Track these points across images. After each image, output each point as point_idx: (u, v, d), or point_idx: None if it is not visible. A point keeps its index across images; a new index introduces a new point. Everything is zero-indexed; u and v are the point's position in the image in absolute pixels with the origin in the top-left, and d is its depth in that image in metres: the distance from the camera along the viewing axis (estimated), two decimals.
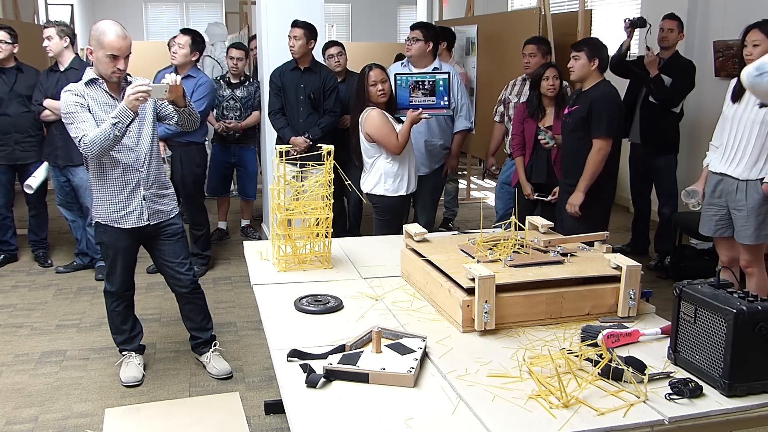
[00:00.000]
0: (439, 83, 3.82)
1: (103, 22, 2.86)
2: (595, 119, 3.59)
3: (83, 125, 2.81)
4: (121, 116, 2.75)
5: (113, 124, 2.75)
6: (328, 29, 11.47)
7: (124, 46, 2.84)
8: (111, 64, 2.84)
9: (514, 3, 9.26)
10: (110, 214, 3.00)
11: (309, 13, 4.65)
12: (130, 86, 2.77)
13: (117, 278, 3.15)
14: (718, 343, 1.65)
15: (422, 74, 3.94)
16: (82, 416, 3.01)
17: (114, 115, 2.75)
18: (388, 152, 3.64)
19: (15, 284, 4.64)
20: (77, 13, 12.59)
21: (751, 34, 3.29)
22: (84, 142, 2.78)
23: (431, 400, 1.64)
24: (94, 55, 2.86)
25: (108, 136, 2.76)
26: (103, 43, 2.80)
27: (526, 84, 4.54)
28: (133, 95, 2.72)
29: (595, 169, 3.61)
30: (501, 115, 4.69)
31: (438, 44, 4.47)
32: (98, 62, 2.86)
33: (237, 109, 5.37)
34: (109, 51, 2.81)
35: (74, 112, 2.83)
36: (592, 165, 3.61)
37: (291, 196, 2.62)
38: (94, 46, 2.84)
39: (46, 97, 4.43)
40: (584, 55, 3.63)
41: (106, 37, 2.80)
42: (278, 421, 2.96)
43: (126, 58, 2.87)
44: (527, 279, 2.06)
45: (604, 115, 3.56)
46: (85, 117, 2.84)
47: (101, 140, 2.76)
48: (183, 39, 4.54)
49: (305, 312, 2.18)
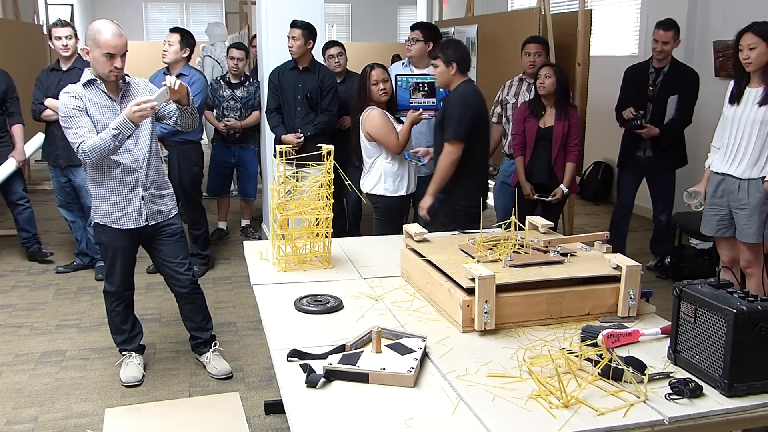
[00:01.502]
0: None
1: (99, 22, 2.85)
2: (446, 122, 3.38)
3: (81, 131, 2.81)
4: (123, 128, 2.76)
5: (113, 136, 2.75)
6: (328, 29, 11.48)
7: (120, 44, 2.83)
8: (108, 63, 2.82)
9: (514, 3, 9.26)
10: (109, 215, 3.00)
11: (309, 13, 4.66)
12: (134, 101, 2.74)
13: (116, 278, 3.15)
14: (718, 343, 1.65)
15: (423, 75, 3.94)
16: (82, 416, 3.01)
17: (115, 126, 2.75)
18: (389, 152, 3.65)
19: (15, 284, 4.64)
20: (77, 13, 12.59)
21: (746, 37, 3.26)
22: (83, 150, 2.78)
23: (431, 400, 1.64)
24: (91, 55, 2.85)
25: (108, 146, 2.77)
26: (99, 42, 2.79)
27: (523, 84, 4.53)
28: (138, 111, 2.71)
29: (443, 173, 3.42)
30: (498, 116, 4.68)
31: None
32: (95, 62, 2.85)
33: (237, 110, 5.37)
34: (105, 50, 2.79)
35: (72, 116, 2.83)
36: (439, 168, 3.43)
37: (290, 196, 2.62)
38: (90, 46, 2.82)
39: (46, 96, 4.43)
40: (440, 62, 3.43)
41: (101, 36, 2.79)
42: (278, 421, 2.96)
43: (123, 57, 2.86)
44: (527, 279, 2.06)
45: (453, 118, 3.34)
46: (83, 122, 2.83)
47: (100, 149, 2.78)
48: (172, 37, 4.54)
49: (305, 312, 2.18)
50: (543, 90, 4.03)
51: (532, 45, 4.43)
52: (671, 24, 4.41)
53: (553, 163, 4.11)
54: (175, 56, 4.52)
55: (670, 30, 4.38)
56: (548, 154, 4.10)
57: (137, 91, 3.00)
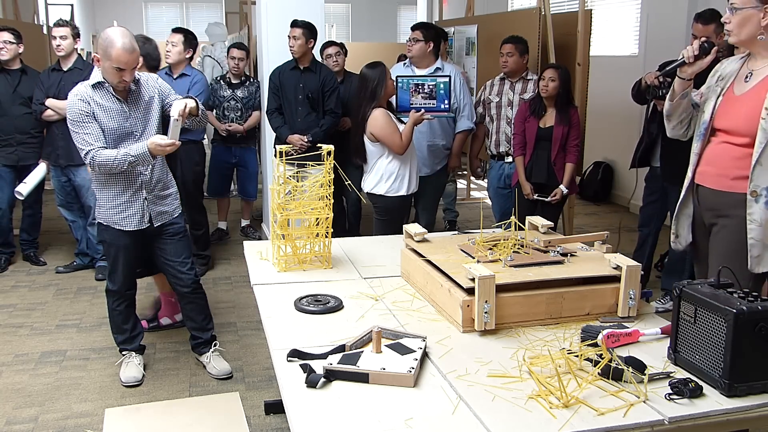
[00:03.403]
0: (440, 86, 3.83)
1: (112, 31, 2.79)
2: None
3: (89, 138, 2.82)
4: (141, 159, 2.84)
5: (129, 162, 2.82)
6: (328, 29, 11.47)
7: (131, 59, 2.78)
8: (117, 75, 2.80)
9: (514, 3, 9.26)
10: (112, 216, 3.00)
11: (309, 13, 4.65)
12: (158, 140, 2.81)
13: (119, 277, 3.15)
14: (718, 343, 1.65)
15: (423, 77, 3.94)
16: (82, 416, 3.01)
17: (134, 155, 2.81)
18: (392, 152, 3.66)
19: (15, 284, 4.64)
20: (77, 13, 12.58)
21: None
22: (92, 159, 2.82)
23: (431, 400, 1.64)
24: (101, 64, 2.81)
25: (119, 167, 2.84)
26: (110, 54, 2.75)
27: (505, 83, 4.53)
28: (163, 147, 2.81)
29: None
30: (481, 116, 4.69)
31: (439, 44, 4.47)
32: (105, 72, 2.83)
33: (238, 110, 5.37)
34: (116, 64, 2.76)
35: (80, 121, 2.83)
36: None
37: (290, 196, 2.62)
38: (101, 55, 2.78)
39: (47, 96, 4.43)
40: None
41: (113, 50, 2.74)
42: (278, 421, 2.96)
43: (132, 70, 2.83)
44: (527, 279, 2.06)
45: None
46: (91, 129, 2.84)
47: (110, 166, 2.84)
48: (175, 37, 4.53)
49: (305, 312, 2.18)
50: (545, 92, 4.03)
51: (506, 45, 4.42)
52: (711, 16, 3.66)
53: (552, 164, 4.11)
54: (178, 57, 4.52)
55: (711, 23, 3.63)
56: (548, 154, 4.10)
57: (147, 90, 2.98)
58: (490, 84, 4.65)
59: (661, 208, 4.18)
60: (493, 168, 4.66)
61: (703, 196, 2.58)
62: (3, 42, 4.53)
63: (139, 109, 2.95)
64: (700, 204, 2.61)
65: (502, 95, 4.53)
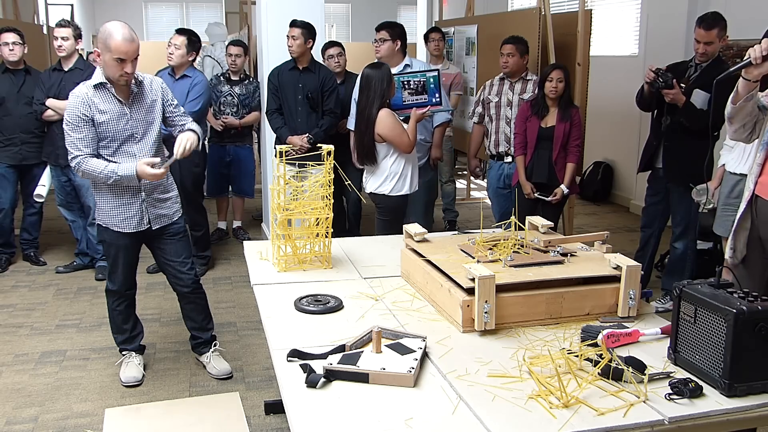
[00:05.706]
0: (429, 81, 3.84)
1: (111, 24, 2.79)
2: None
3: (80, 143, 2.84)
4: (127, 179, 2.86)
5: (113, 179, 2.85)
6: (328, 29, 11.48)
7: (131, 49, 2.78)
8: (118, 68, 2.78)
9: (514, 3, 9.26)
10: (110, 218, 3.00)
11: (309, 13, 4.65)
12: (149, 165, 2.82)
13: (119, 277, 3.14)
14: (718, 343, 1.65)
15: (412, 74, 3.93)
16: (82, 416, 3.01)
17: (120, 175, 2.83)
18: (400, 151, 3.66)
19: (15, 284, 4.64)
20: (77, 13, 12.58)
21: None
22: (79, 165, 2.85)
23: (431, 400, 1.64)
24: (102, 58, 2.80)
25: (102, 180, 2.87)
26: (110, 46, 2.74)
27: (504, 83, 4.54)
28: (151, 176, 2.83)
29: None
30: (480, 116, 4.69)
31: (406, 42, 4.47)
32: (105, 65, 2.81)
33: (234, 105, 5.37)
34: (116, 54, 2.75)
35: (75, 124, 2.84)
36: None
37: (291, 196, 2.62)
38: (101, 49, 2.78)
39: (47, 96, 4.43)
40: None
41: (112, 41, 2.73)
42: (278, 421, 2.96)
43: (134, 61, 2.82)
44: (527, 279, 2.06)
45: None
46: (84, 134, 2.84)
47: (94, 177, 2.88)
48: (179, 39, 4.50)
49: (305, 312, 2.18)
50: (554, 93, 4.02)
51: (506, 45, 4.43)
52: (715, 21, 3.67)
53: (553, 163, 4.11)
54: (180, 60, 4.50)
55: (714, 28, 3.65)
56: (549, 154, 4.10)
57: (149, 94, 2.96)
58: (490, 84, 4.65)
59: (663, 209, 4.17)
60: (493, 168, 4.66)
61: (762, 209, 2.39)
62: (12, 43, 4.54)
63: (141, 111, 2.94)
64: (758, 216, 2.41)
65: (501, 95, 4.53)
